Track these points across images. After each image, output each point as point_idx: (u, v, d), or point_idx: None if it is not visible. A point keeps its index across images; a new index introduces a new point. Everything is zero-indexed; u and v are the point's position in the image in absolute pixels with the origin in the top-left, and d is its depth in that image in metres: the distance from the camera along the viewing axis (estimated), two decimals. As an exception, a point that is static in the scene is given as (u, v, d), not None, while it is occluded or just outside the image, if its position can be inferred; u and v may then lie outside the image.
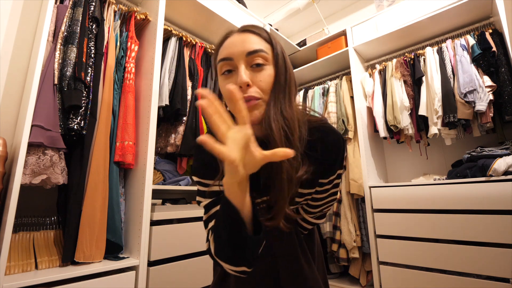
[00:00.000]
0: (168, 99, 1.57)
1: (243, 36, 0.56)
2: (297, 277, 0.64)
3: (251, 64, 0.54)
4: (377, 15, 2.07)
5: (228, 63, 0.54)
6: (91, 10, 1.32)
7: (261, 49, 0.54)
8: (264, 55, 0.54)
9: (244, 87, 0.52)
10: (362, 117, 2.05)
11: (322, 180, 0.62)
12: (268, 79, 0.54)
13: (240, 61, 0.54)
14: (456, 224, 1.43)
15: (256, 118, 0.53)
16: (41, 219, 1.17)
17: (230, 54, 0.54)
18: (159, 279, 1.25)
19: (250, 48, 0.54)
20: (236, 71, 0.54)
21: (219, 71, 0.57)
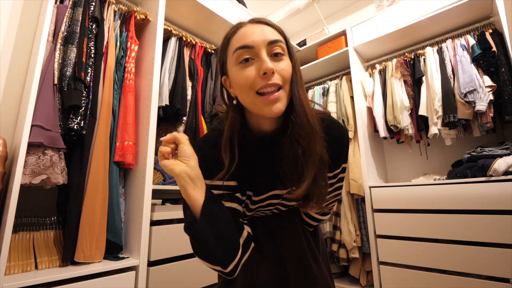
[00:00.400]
0: (168, 99, 1.57)
1: (260, 27, 0.55)
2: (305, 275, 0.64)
3: (271, 53, 0.54)
4: (377, 15, 2.07)
5: (249, 51, 0.53)
6: (91, 10, 1.32)
7: (280, 39, 0.55)
8: (282, 45, 0.55)
9: (269, 74, 0.51)
10: (362, 117, 2.05)
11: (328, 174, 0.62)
12: (288, 68, 0.55)
13: (262, 49, 0.53)
14: (456, 224, 1.43)
15: (279, 111, 0.53)
16: (41, 219, 1.17)
17: (251, 42, 0.53)
18: (159, 279, 1.25)
19: (271, 38, 0.54)
20: (256, 59, 0.53)
21: (235, 60, 0.55)
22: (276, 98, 0.52)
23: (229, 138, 0.59)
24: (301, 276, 0.64)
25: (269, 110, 0.52)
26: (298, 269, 0.64)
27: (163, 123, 1.70)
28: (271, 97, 0.52)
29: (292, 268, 0.64)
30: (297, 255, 0.65)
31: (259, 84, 0.52)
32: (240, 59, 0.54)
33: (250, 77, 0.53)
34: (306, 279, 0.64)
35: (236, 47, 0.54)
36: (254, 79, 0.52)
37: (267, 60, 0.52)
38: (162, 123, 1.70)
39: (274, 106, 0.52)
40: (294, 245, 0.66)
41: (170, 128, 1.68)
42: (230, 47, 0.56)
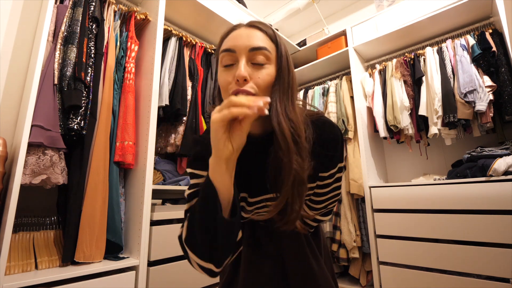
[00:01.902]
0: (168, 99, 1.57)
1: (249, 31, 0.55)
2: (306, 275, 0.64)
3: (252, 60, 0.53)
4: (377, 15, 2.07)
5: (230, 55, 0.54)
6: (91, 10, 1.32)
7: (264, 47, 0.54)
8: (267, 53, 0.54)
9: (241, 81, 0.51)
10: (362, 117, 2.05)
11: (323, 174, 0.62)
12: (267, 77, 0.53)
13: (242, 55, 0.53)
14: (456, 224, 1.43)
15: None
16: (41, 219, 1.17)
17: (234, 46, 0.54)
18: (159, 279, 1.25)
19: (254, 44, 0.53)
20: (237, 64, 0.53)
21: (220, 62, 0.56)
22: None
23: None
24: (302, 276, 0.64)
25: None
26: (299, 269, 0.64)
27: (163, 123, 1.70)
28: None
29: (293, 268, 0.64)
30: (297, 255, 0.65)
31: (232, 87, 0.52)
32: (223, 62, 0.55)
33: (227, 80, 0.54)
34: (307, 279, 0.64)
35: (222, 49, 0.56)
36: (230, 83, 0.53)
37: (242, 67, 0.51)
38: (162, 123, 1.70)
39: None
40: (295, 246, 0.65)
41: (170, 128, 1.68)
42: (221, 47, 0.57)
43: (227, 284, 0.68)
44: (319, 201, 0.66)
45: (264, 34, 0.56)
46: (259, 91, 0.53)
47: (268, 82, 0.53)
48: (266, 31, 0.57)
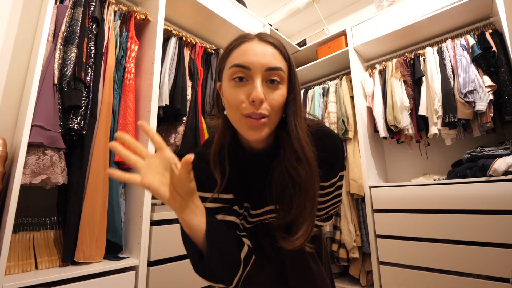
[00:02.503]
0: (168, 99, 1.57)
1: (263, 47, 0.52)
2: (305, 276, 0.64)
3: (267, 79, 0.51)
4: (377, 15, 2.07)
5: (244, 72, 0.51)
6: (91, 10, 1.32)
7: (280, 67, 0.52)
8: (281, 74, 0.52)
9: (257, 103, 0.49)
10: (362, 117, 2.05)
11: (323, 184, 0.61)
12: (280, 98, 0.52)
13: (258, 74, 0.50)
14: (456, 224, 1.43)
15: (260, 138, 0.52)
16: (41, 219, 1.17)
17: (249, 63, 0.50)
18: (159, 279, 1.25)
19: (271, 64, 0.51)
20: (250, 81, 0.51)
21: (228, 75, 0.53)
22: (260, 125, 0.51)
23: (217, 152, 0.57)
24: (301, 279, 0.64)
25: (251, 135, 0.51)
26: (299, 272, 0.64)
27: (163, 123, 1.70)
28: (256, 123, 0.50)
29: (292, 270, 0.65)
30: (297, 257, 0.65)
31: (246, 109, 0.50)
32: (234, 76, 0.52)
33: (239, 99, 0.51)
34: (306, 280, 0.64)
35: (234, 63, 0.52)
36: (242, 102, 0.51)
37: (259, 88, 0.49)
38: (162, 123, 1.70)
39: (257, 133, 0.51)
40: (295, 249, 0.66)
41: (170, 128, 1.68)
42: (230, 59, 0.54)
43: None
44: (320, 208, 0.66)
45: (278, 52, 0.54)
46: (273, 112, 0.52)
47: (281, 103, 0.52)
48: (280, 49, 0.54)
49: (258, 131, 0.51)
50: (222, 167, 0.57)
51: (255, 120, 0.50)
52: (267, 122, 0.51)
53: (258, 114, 0.50)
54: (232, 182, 0.58)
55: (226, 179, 0.56)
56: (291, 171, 0.52)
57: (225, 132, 0.58)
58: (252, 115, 0.50)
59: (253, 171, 0.61)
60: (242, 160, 0.60)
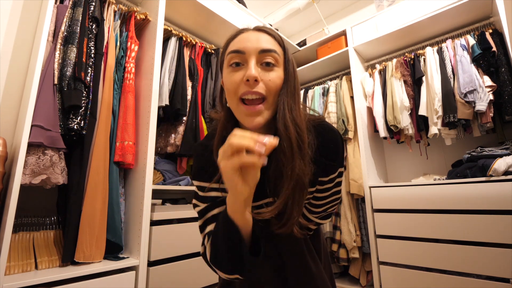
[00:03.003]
0: (168, 99, 1.57)
1: (258, 34, 0.56)
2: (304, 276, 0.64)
3: (261, 61, 0.53)
4: (377, 15, 2.07)
5: (239, 56, 0.54)
6: (91, 10, 1.32)
7: (274, 49, 0.54)
8: (276, 56, 0.54)
9: (251, 81, 0.51)
10: (362, 117, 2.05)
11: (323, 179, 0.62)
12: (277, 80, 0.54)
13: (252, 56, 0.53)
14: (456, 224, 1.43)
15: (258, 124, 0.53)
16: (41, 219, 1.17)
17: (243, 48, 0.53)
18: (159, 279, 1.25)
19: (264, 46, 0.54)
20: (246, 65, 0.53)
21: (226, 63, 0.56)
22: (257, 111, 0.52)
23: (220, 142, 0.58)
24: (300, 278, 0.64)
25: (249, 121, 0.52)
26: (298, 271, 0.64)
27: (163, 123, 1.70)
28: (253, 109, 0.51)
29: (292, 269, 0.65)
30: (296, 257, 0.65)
31: (242, 89, 0.52)
32: (230, 62, 0.54)
33: (235, 81, 0.53)
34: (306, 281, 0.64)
35: (230, 50, 0.55)
36: (239, 84, 0.52)
37: (252, 68, 0.51)
38: (162, 123, 1.70)
39: (254, 119, 0.52)
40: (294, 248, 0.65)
41: (170, 128, 1.68)
42: (228, 49, 0.57)
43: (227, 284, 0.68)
44: (318, 204, 0.66)
45: (272, 38, 0.57)
46: (270, 94, 0.53)
47: (278, 85, 0.53)
48: (274, 35, 0.57)
49: (255, 116, 0.52)
50: None
51: (251, 107, 0.51)
52: (264, 107, 0.52)
53: (254, 92, 0.51)
54: None
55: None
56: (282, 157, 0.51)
57: (226, 123, 0.59)
58: (248, 95, 0.51)
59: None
60: None
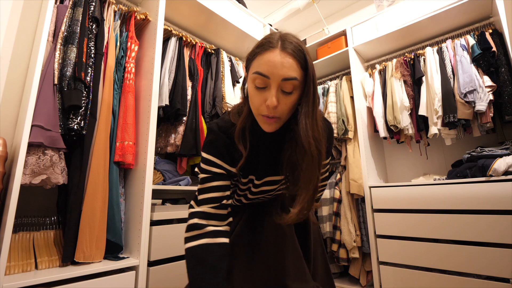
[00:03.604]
0: (168, 99, 1.57)
1: (283, 58, 0.60)
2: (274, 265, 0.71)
3: (282, 87, 0.61)
4: (377, 15, 2.07)
5: (263, 80, 0.61)
6: (91, 10, 1.32)
7: (295, 77, 0.60)
8: (295, 83, 0.61)
9: (271, 108, 0.61)
10: (362, 117, 2.05)
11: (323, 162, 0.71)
12: (292, 104, 0.63)
13: (275, 83, 0.60)
14: (456, 224, 1.43)
15: (272, 130, 0.66)
16: (41, 219, 1.17)
17: (268, 73, 0.60)
18: (159, 279, 1.25)
19: (286, 75, 0.60)
20: (268, 88, 0.61)
21: (252, 79, 0.63)
22: (272, 122, 0.64)
23: (242, 128, 0.69)
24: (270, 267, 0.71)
25: (265, 128, 0.66)
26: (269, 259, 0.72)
27: (163, 123, 1.70)
28: (269, 120, 0.64)
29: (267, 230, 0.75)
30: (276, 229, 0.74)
31: (262, 111, 0.63)
32: (255, 82, 0.62)
33: (258, 102, 0.63)
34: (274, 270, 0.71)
35: (256, 70, 0.62)
36: (260, 105, 0.63)
37: (274, 97, 0.60)
38: (162, 123, 1.70)
39: (270, 127, 0.65)
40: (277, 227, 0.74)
41: (170, 128, 1.68)
42: (254, 63, 0.63)
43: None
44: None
45: (296, 61, 0.61)
46: (283, 115, 0.64)
47: (291, 107, 0.64)
48: (299, 60, 0.61)
49: (270, 126, 0.65)
50: (244, 141, 0.69)
51: (268, 118, 0.64)
52: (278, 121, 0.65)
53: (272, 117, 0.63)
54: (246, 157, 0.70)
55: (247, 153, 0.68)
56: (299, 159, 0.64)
57: (248, 115, 0.70)
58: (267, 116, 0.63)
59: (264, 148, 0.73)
60: (257, 140, 0.72)
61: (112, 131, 1.31)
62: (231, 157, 0.71)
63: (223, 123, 0.72)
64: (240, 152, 0.69)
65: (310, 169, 0.62)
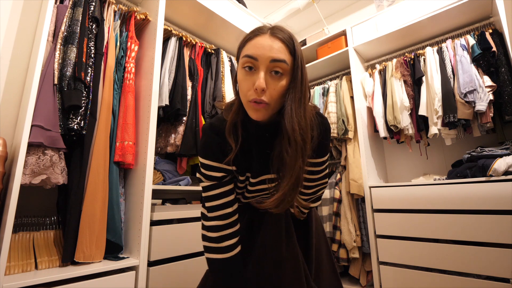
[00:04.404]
0: (168, 99, 1.57)
1: (272, 41, 0.60)
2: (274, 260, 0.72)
3: (271, 69, 0.60)
4: (377, 15, 2.07)
5: (252, 62, 0.60)
6: (91, 10, 1.32)
7: (283, 59, 0.60)
8: (285, 66, 0.60)
9: (259, 91, 0.59)
10: (362, 117, 2.04)
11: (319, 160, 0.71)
12: (281, 89, 0.61)
13: (263, 64, 0.60)
14: (456, 224, 1.43)
15: (261, 118, 0.63)
16: (41, 219, 1.17)
17: (256, 54, 0.60)
18: (159, 279, 1.25)
19: (275, 56, 0.59)
20: (257, 70, 0.60)
21: (241, 63, 0.63)
22: (261, 108, 0.61)
23: (233, 122, 0.68)
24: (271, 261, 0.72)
25: (253, 114, 0.63)
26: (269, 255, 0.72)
27: (163, 123, 1.70)
28: (257, 106, 0.61)
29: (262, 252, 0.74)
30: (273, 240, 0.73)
31: (251, 96, 0.61)
32: (244, 65, 0.62)
33: (246, 86, 0.62)
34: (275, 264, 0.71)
35: (245, 53, 0.62)
36: (249, 89, 0.61)
37: (261, 78, 0.59)
38: (162, 123, 1.70)
39: (258, 114, 0.62)
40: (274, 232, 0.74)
41: (170, 128, 1.68)
42: (244, 49, 0.63)
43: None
44: (310, 186, 0.74)
45: (285, 46, 0.61)
46: (272, 100, 0.61)
47: (281, 92, 0.61)
48: (288, 43, 0.62)
49: (258, 111, 0.62)
50: (236, 136, 0.68)
51: (256, 104, 0.61)
52: (267, 107, 0.62)
53: (260, 100, 0.60)
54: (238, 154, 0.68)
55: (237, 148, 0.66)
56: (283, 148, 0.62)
57: (239, 109, 0.69)
58: (255, 100, 0.60)
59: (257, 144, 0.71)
60: (249, 133, 0.71)
61: (112, 131, 1.31)
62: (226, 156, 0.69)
63: (216, 121, 0.72)
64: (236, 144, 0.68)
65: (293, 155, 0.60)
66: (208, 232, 0.71)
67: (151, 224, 1.26)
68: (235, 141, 0.67)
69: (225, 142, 0.68)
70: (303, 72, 0.63)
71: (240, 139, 0.67)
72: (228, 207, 0.72)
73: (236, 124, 0.68)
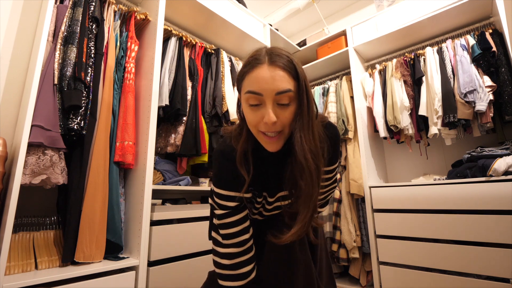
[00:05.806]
0: (168, 99, 1.57)
1: (272, 71, 0.58)
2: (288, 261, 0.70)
3: (278, 101, 0.59)
4: (377, 15, 2.07)
5: (257, 98, 0.59)
6: (91, 10, 1.32)
7: (289, 89, 0.58)
8: (290, 94, 0.58)
9: (270, 124, 0.58)
10: (362, 117, 2.05)
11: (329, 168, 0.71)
12: (290, 116, 0.60)
13: (269, 98, 0.58)
14: (456, 224, 1.43)
15: (276, 149, 0.63)
16: (41, 219, 1.17)
17: (260, 90, 0.58)
18: (159, 279, 1.25)
19: (279, 88, 0.57)
20: (264, 105, 0.59)
21: (244, 99, 0.61)
22: (275, 140, 0.61)
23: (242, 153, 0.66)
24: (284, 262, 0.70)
25: (269, 147, 0.63)
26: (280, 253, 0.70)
27: (163, 123, 1.70)
28: (272, 139, 0.61)
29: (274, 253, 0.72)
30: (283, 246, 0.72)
31: (261, 128, 0.60)
32: (249, 102, 0.60)
33: (255, 120, 0.61)
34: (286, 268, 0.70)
35: (247, 89, 0.60)
36: (258, 123, 0.60)
37: (270, 113, 0.57)
38: (162, 123, 1.70)
39: (273, 146, 0.62)
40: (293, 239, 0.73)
41: (170, 128, 1.68)
42: (245, 83, 0.61)
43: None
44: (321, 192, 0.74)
45: (287, 73, 0.59)
46: (284, 127, 0.61)
47: (291, 119, 0.61)
48: (289, 70, 0.59)
49: (273, 144, 0.62)
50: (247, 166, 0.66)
51: (269, 138, 0.61)
52: (280, 136, 0.62)
53: (272, 132, 0.60)
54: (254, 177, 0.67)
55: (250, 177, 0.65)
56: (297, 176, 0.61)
57: (248, 137, 0.67)
58: (267, 133, 0.61)
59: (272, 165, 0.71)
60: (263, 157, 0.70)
61: (112, 131, 1.31)
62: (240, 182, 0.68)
63: (226, 148, 0.70)
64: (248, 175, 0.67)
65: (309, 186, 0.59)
66: (223, 259, 0.69)
67: (151, 224, 1.26)
68: (247, 170, 0.65)
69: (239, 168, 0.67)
70: (308, 95, 0.61)
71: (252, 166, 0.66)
72: (245, 233, 0.70)
73: (246, 153, 0.67)
